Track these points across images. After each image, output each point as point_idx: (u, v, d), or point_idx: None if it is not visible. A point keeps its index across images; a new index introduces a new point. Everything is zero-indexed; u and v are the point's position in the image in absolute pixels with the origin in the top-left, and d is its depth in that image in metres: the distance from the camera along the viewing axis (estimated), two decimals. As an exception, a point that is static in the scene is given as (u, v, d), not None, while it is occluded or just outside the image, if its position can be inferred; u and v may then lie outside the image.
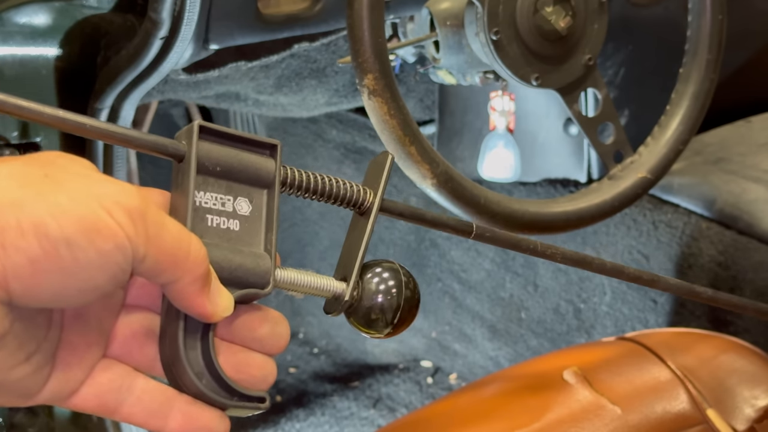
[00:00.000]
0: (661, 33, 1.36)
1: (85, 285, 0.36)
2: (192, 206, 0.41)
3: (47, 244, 0.34)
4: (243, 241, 0.43)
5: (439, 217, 0.50)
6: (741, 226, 1.26)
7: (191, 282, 0.38)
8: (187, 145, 0.42)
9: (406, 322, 0.47)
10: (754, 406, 0.79)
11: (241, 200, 0.43)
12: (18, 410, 0.94)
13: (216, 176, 0.43)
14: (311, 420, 1.58)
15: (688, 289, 0.59)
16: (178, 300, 0.39)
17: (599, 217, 0.93)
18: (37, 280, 0.35)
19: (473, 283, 1.63)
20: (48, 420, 0.95)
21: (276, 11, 0.93)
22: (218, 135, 0.43)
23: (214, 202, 0.42)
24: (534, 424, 0.75)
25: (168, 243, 0.37)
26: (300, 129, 1.80)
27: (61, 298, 0.36)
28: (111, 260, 0.35)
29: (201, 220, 0.42)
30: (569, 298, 1.49)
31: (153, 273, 0.38)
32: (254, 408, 0.42)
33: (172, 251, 0.37)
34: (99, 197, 0.36)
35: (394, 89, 0.80)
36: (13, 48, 0.85)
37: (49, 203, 0.34)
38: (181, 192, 0.42)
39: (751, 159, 1.36)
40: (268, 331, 0.43)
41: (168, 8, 0.83)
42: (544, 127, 1.42)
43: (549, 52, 0.90)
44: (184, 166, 0.42)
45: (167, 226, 0.38)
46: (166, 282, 0.38)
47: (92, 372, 0.41)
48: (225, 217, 0.43)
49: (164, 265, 0.37)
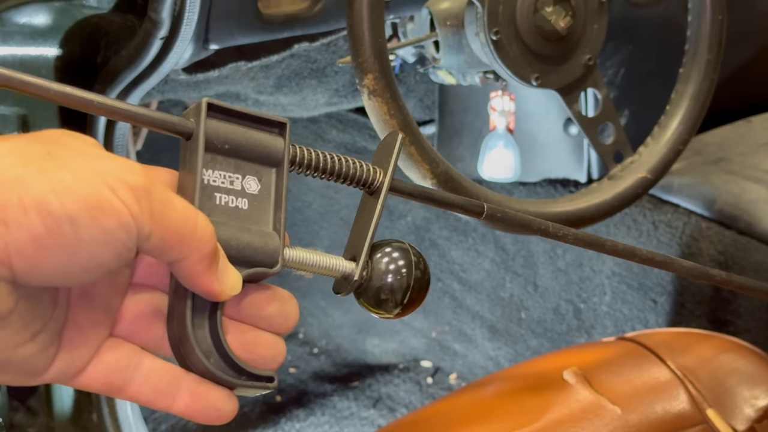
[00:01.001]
0: (661, 33, 1.36)
1: (90, 263, 0.36)
2: (200, 184, 0.41)
3: (50, 221, 0.34)
4: (251, 219, 0.42)
5: (449, 197, 0.50)
6: (741, 226, 1.27)
7: (198, 260, 0.38)
8: (195, 122, 0.41)
9: (415, 303, 0.46)
10: (754, 406, 0.79)
11: (249, 179, 0.43)
12: (18, 410, 0.94)
13: (224, 154, 0.42)
14: (311, 420, 1.58)
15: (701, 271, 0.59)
16: (185, 278, 0.39)
17: (599, 217, 0.93)
18: (40, 257, 0.34)
19: (473, 283, 1.63)
20: (48, 420, 0.95)
21: (276, 11, 0.93)
22: (227, 113, 0.42)
23: (223, 180, 0.42)
24: (534, 424, 0.75)
25: (174, 221, 0.37)
26: (300, 129, 1.81)
27: (65, 276, 0.36)
28: (115, 238, 0.35)
29: (209, 199, 0.41)
30: (569, 298, 1.49)
31: (159, 251, 0.37)
32: (262, 387, 0.42)
33: (178, 229, 0.37)
34: (102, 174, 0.35)
35: (394, 89, 0.80)
36: (13, 48, 0.85)
37: (52, 180, 0.34)
38: (189, 170, 0.41)
39: (751, 159, 1.36)
40: (277, 309, 0.43)
41: (168, 8, 0.83)
42: (544, 127, 1.42)
43: (549, 52, 0.90)
44: (192, 144, 0.41)
45: (173, 203, 0.37)
46: (173, 260, 0.38)
47: (99, 351, 0.40)
48: (233, 195, 0.42)
49: (170, 243, 0.37)
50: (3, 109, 0.87)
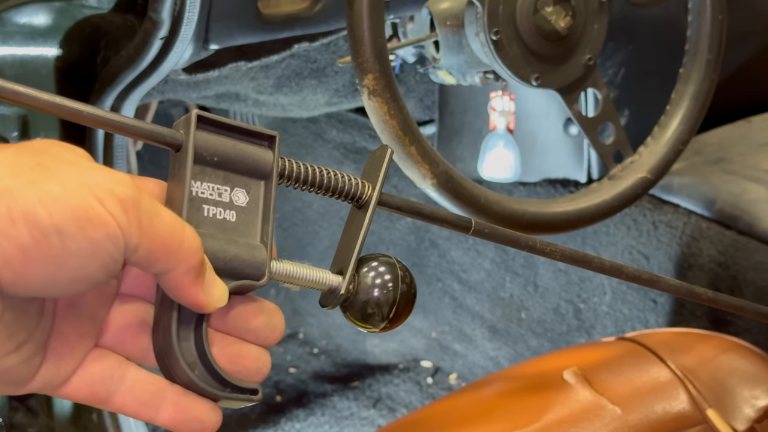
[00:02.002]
0: (661, 33, 1.36)
1: (77, 274, 0.36)
2: (188, 196, 0.41)
3: (37, 232, 0.34)
4: (239, 232, 0.43)
5: (438, 211, 0.50)
6: (741, 226, 1.27)
7: (185, 272, 0.38)
8: (184, 134, 0.41)
9: (402, 317, 0.46)
10: (754, 406, 0.79)
11: (238, 191, 0.43)
12: (18, 410, 0.94)
13: (213, 166, 0.42)
14: (311, 420, 1.58)
15: (687, 290, 0.59)
16: (171, 290, 0.39)
17: (599, 217, 0.93)
18: (27, 268, 0.34)
19: (473, 283, 1.63)
20: (48, 420, 0.95)
21: (276, 11, 0.93)
22: (216, 125, 0.42)
23: (211, 192, 0.42)
24: (534, 424, 0.75)
25: (161, 232, 0.37)
26: (300, 129, 1.81)
27: (52, 287, 0.36)
28: (102, 249, 0.35)
29: (197, 210, 0.41)
30: (569, 298, 1.49)
31: (146, 263, 0.37)
32: (246, 400, 0.42)
33: (166, 241, 0.37)
34: (91, 186, 0.35)
35: (394, 89, 0.80)
36: (14, 48, 0.85)
37: (40, 192, 0.34)
38: (177, 182, 0.42)
39: (751, 159, 1.36)
40: (263, 322, 0.43)
41: (168, 8, 0.83)
42: (544, 127, 1.42)
43: (549, 52, 0.90)
44: (181, 156, 0.42)
45: (161, 215, 0.37)
46: (159, 272, 0.38)
47: (84, 361, 0.40)
48: (221, 207, 0.42)
49: (157, 254, 0.37)
50: (3, 109, 0.87)
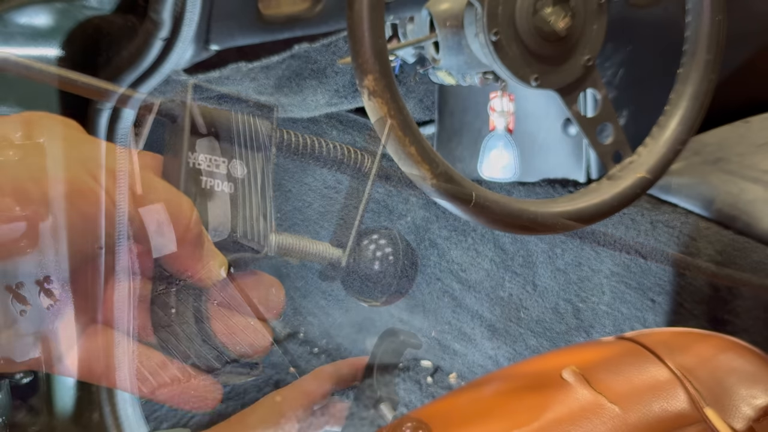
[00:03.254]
0: (660, 34, 1.36)
1: (70, 249, 0.35)
2: (185, 167, 0.40)
3: (29, 208, 0.34)
4: (237, 203, 0.42)
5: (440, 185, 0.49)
6: (739, 226, 1.27)
7: (182, 245, 0.37)
8: (181, 105, 0.41)
9: (402, 291, 0.46)
10: (753, 406, 0.80)
11: (236, 162, 0.42)
12: (20, 409, 0.94)
13: (210, 137, 0.41)
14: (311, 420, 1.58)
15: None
16: (169, 263, 0.38)
17: (598, 217, 0.93)
18: None
19: (472, 282, 1.64)
20: (49, 419, 0.95)
21: (276, 12, 0.93)
22: (214, 96, 0.42)
23: (208, 163, 0.41)
24: (533, 423, 0.75)
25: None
26: (300, 129, 1.80)
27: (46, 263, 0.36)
28: (95, 223, 0.35)
29: (194, 182, 0.41)
30: (568, 298, 1.50)
31: (142, 236, 0.37)
32: (246, 374, 0.41)
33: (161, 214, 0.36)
34: (84, 160, 0.35)
35: (394, 90, 0.80)
36: (15, 49, 0.85)
37: (31, 167, 0.34)
38: (174, 153, 0.41)
39: (750, 159, 1.37)
40: (263, 295, 0.42)
41: (169, 9, 0.83)
42: (543, 127, 1.42)
43: (548, 53, 0.90)
44: (177, 127, 0.41)
45: (156, 188, 0.37)
46: (156, 245, 0.37)
47: (81, 338, 0.40)
48: (219, 179, 0.41)
49: (153, 228, 0.36)
50: (4, 109, 0.87)
